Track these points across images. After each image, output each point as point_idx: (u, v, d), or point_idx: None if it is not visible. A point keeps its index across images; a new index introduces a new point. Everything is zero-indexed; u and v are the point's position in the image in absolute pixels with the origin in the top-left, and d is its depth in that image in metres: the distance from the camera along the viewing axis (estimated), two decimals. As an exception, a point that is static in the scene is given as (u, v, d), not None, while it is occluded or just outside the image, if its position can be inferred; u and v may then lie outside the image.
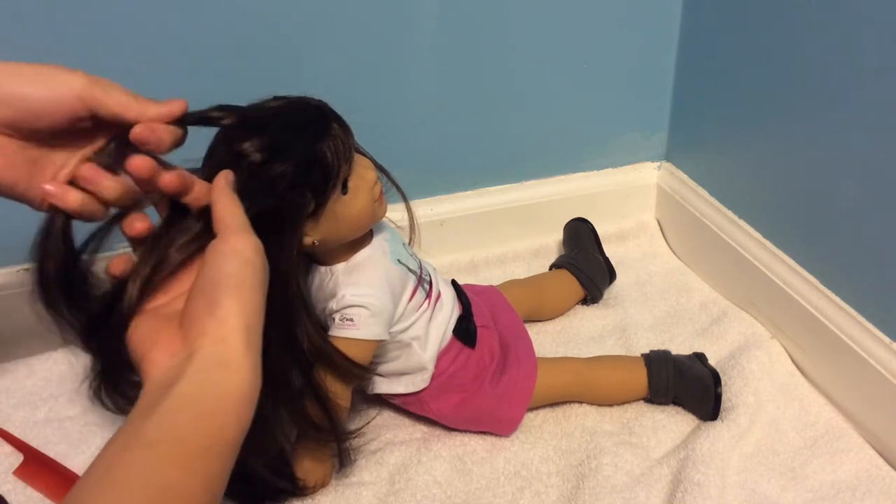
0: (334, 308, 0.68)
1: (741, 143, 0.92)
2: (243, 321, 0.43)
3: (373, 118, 0.88)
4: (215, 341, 0.42)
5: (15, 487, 0.72)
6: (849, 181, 0.76)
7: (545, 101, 0.98)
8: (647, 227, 1.10)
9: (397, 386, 0.75)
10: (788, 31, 0.79)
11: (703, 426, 0.76)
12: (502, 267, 1.03)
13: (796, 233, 0.85)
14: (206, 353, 0.42)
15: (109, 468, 0.38)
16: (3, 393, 0.83)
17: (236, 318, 0.43)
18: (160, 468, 0.38)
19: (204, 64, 0.80)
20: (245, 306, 0.44)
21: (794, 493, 0.71)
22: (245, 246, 0.46)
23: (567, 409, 0.81)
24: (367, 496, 0.71)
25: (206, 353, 0.42)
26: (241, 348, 0.42)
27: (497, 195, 1.03)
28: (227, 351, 0.42)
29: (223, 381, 0.41)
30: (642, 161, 1.08)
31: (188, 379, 0.41)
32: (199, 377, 0.41)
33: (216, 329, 0.43)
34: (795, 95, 0.80)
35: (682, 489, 0.69)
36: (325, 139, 0.60)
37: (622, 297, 0.98)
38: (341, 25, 0.84)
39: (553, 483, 0.73)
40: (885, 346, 0.74)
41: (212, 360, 0.42)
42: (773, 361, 0.85)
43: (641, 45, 0.98)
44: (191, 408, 0.40)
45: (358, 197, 0.65)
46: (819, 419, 0.79)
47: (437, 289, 0.76)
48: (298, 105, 0.61)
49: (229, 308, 0.43)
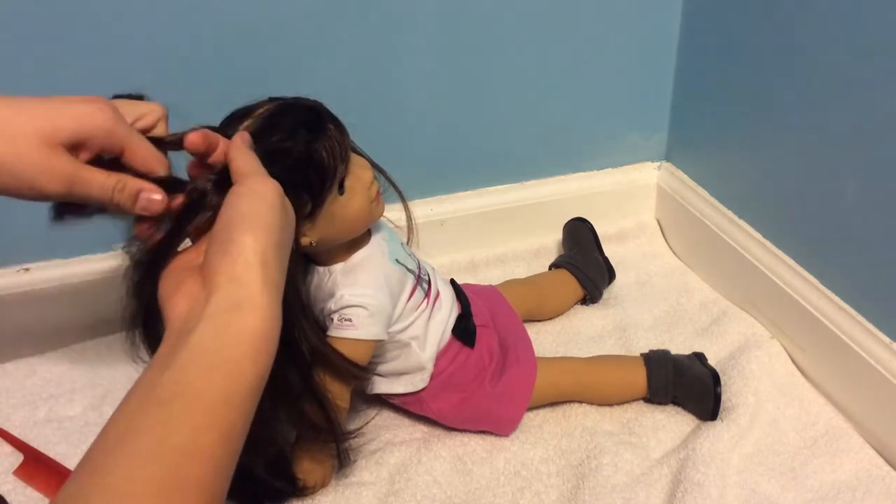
0: (332, 308, 0.68)
1: (741, 143, 0.92)
2: (258, 257, 0.42)
3: (373, 118, 0.88)
4: (229, 279, 0.41)
5: (15, 487, 0.72)
6: (849, 181, 0.75)
7: (545, 101, 0.98)
8: (647, 227, 1.10)
9: (396, 386, 0.75)
10: (788, 31, 0.79)
11: (703, 426, 0.76)
12: (502, 267, 1.03)
13: (796, 233, 0.85)
14: (221, 295, 0.41)
15: (125, 433, 0.37)
16: (3, 393, 0.83)
17: (250, 253, 0.42)
18: (175, 428, 0.37)
19: (203, 64, 0.80)
20: (260, 242, 0.43)
21: (794, 493, 0.71)
22: (262, 187, 0.46)
23: (567, 409, 0.81)
24: (367, 496, 0.71)
25: (220, 295, 0.41)
26: (256, 285, 0.41)
27: (497, 195, 1.03)
28: (242, 289, 0.41)
29: (238, 325, 0.41)
30: (642, 161, 1.08)
31: (203, 325, 0.40)
32: (214, 322, 0.40)
33: (229, 266, 0.42)
34: (795, 95, 0.80)
35: (682, 489, 0.69)
36: (320, 140, 0.60)
37: (622, 297, 0.98)
38: (341, 25, 0.84)
39: (553, 483, 0.73)
40: (885, 346, 0.74)
41: (226, 302, 0.41)
42: (773, 361, 0.84)
43: (641, 45, 0.98)
44: (205, 358, 0.39)
45: (355, 197, 0.65)
46: (819, 419, 0.79)
47: (436, 288, 0.76)
48: (293, 106, 0.61)
49: (242, 244, 0.42)
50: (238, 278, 0.41)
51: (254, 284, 0.41)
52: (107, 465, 0.36)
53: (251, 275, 0.42)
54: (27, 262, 0.86)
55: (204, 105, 0.55)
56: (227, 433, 0.39)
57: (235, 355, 0.40)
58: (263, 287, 0.42)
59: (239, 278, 0.41)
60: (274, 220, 0.44)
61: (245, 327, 0.41)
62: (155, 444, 0.36)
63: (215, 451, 0.38)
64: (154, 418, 0.37)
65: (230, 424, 0.39)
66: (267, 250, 0.43)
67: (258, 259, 0.42)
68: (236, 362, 0.40)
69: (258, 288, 0.41)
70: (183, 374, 0.39)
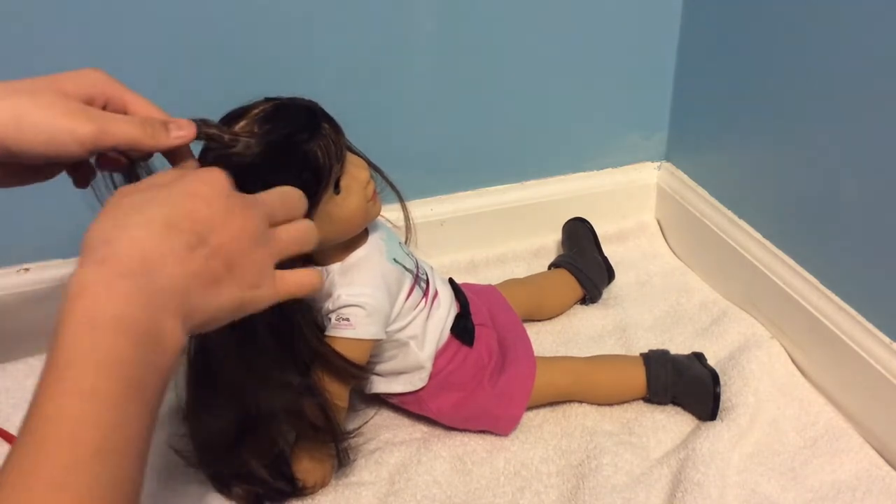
0: (330, 308, 0.68)
1: (741, 143, 0.92)
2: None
3: (373, 118, 0.88)
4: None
5: (15, 487, 0.72)
6: (849, 181, 0.75)
7: (545, 101, 0.98)
8: (647, 227, 1.10)
9: (395, 385, 0.75)
10: (788, 30, 0.79)
11: (704, 426, 0.76)
12: (502, 267, 1.03)
13: (796, 233, 0.85)
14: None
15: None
16: (3, 393, 0.83)
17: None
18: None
19: (199, 64, 0.80)
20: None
21: (794, 493, 0.71)
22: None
23: (567, 409, 0.81)
24: (367, 496, 0.71)
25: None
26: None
27: (497, 195, 1.03)
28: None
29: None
30: (642, 161, 1.08)
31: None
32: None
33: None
34: (795, 95, 0.80)
35: (682, 489, 0.69)
36: (315, 139, 0.61)
37: (622, 297, 0.98)
38: (341, 25, 0.84)
39: (553, 483, 0.73)
40: (885, 346, 0.74)
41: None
42: (773, 361, 0.84)
43: (641, 45, 0.98)
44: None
45: (351, 197, 0.65)
46: (819, 419, 0.79)
47: (434, 287, 0.76)
48: (289, 106, 0.61)
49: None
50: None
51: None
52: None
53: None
54: (27, 262, 0.87)
55: (200, 105, 0.55)
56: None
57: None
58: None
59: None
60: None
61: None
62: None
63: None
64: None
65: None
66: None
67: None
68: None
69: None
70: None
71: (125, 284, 0.37)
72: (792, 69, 0.80)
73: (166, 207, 0.40)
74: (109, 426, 0.34)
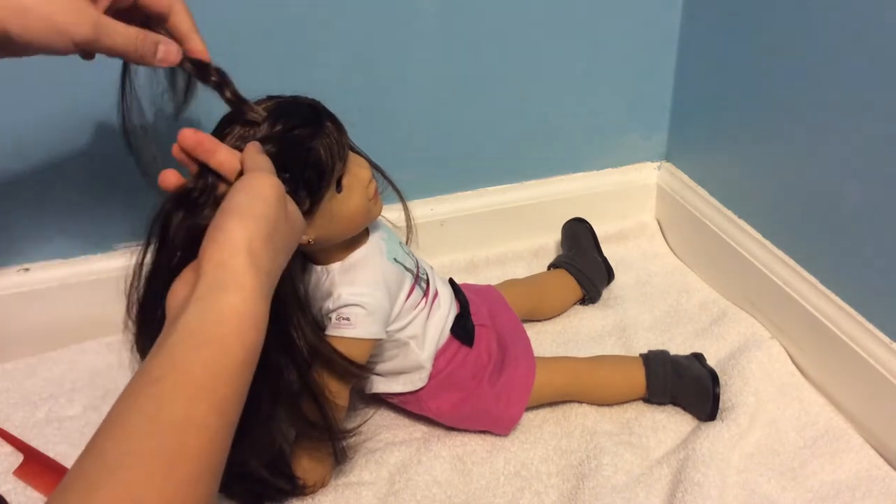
0: (331, 307, 0.68)
1: (741, 143, 0.92)
2: (245, 243, 0.43)
3: (373, 118, 0.88)
4: (216, 266, 0.42)
5: (15, 487, 0.72)
6: (849, 181, 0.75)
7: (545, 101, 0.98)
8: (647, 227, 1.10)
9: (395, 385, 0.75)
10: (788, 30, 0.79)
11: (704, 426, 0.76)
12: (502, 267, 1.03)
13: (796, 233, 0.85)
14: (207, 280, 0.42)
15: (121, 413, 0.39)
16: (3, 393, 0.83)
17: (237, 240, 0.43)
18: (166, 405, 0.38)
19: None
20: (248, 229, 0.44)
21: (794, 493, 0.71)
22: (258, 181, 0.47)
23: (567, 409, 0.81)
24: (367, 496, 0.71)
25: (207, 280, 0.42)
26: (241, 268, 0.42)
27: (497, 195, 1.03)
28: (226, 272, 0.42)
29: (222, 304, 0.42)
30: (642, 161, 1.08)
31: (191, 308, 0.41)
32: (200, 304, 0.41)
33: (216, 252, 0.43)
34: (795, 95, 0.80)
35: (682, 489, 0.69)
36: (318, 138, 0.61)
37: (622, 297, 0.98)
38: (341, 24, 0.84)
39: (553, 483, 0.73)
40: (885, 346, 0.74)
41: (212, 285, 0.42)
42: (773, 361, 0.84)
43: (641, 45, 0.98)
44: (192, 337, 0.40)
45: (352, 195, 0.65)
46: (819, 419, 0.79)
47: (434, 287, 0.76)
48: (291, 104, 0.61)
49: (230, 231, 0.43)
50: (223, 263, 0.43)
51: (238, 268, 0.42)
52: (105, 445, 0.37)
53: (236, 259, 0.43)
54: (27, 262, 0.87)
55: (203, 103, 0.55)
56: (219, 406, 0.40)
57: (221, 332, 0.41)
58: (248, 269, 0.43)
59: (224, 263, 0.43)
60: (266, 211, 0.45)
61: (229, 304, 0.42)
62: (148, 419, 0.38)
63: (208, 421, 0.39)
64: (146, 396, 0.39)
65: (222, 398, 0.40)
66: (255, 238, 0.44)
67: (244, 245, 0.43)
68: (221, 339, 0.41)
69: (242, 270, 0.42)
70: (171, 354, 0.40)
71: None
72: (792, 69, 0.80)
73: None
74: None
